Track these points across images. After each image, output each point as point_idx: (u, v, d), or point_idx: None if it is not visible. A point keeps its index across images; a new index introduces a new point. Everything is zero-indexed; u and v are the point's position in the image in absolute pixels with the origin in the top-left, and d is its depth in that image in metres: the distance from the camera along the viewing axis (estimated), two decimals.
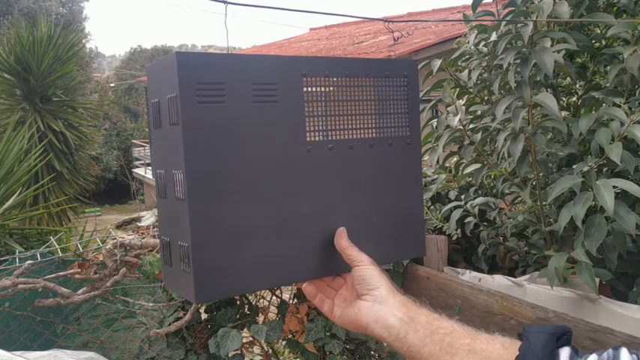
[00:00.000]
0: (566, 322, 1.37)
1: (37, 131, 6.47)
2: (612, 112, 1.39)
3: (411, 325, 0.68)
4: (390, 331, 0.69)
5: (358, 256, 0.76)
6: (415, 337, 0.67)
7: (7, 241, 3.10)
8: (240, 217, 0.72)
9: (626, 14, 1.67)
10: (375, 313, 0.71)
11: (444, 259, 1.85)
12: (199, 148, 0.69)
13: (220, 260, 0.71)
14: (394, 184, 0.86)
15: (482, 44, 1.80)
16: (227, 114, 0.71)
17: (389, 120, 0.85)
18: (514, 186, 1.76)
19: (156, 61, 0.75)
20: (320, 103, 0.79)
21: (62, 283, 1.69)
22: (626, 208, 1.30)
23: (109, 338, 1.87)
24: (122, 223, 11.35)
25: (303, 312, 1.84)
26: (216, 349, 1.67)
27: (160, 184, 0.76)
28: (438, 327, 0.66)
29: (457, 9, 9.62)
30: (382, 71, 0.84)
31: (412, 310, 0.70)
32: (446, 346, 0.64)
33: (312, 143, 0.78)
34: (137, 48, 29.61)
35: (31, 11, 15.09)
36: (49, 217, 5.79)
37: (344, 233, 0.78)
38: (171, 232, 0.75)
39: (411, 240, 0.89)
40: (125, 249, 1.80)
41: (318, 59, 0.79)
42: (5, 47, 6.83)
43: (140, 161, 15.12)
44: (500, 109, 1.53)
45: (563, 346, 0.57)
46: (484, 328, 0.66)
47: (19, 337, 1.71)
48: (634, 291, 1.50)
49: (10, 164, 3.68)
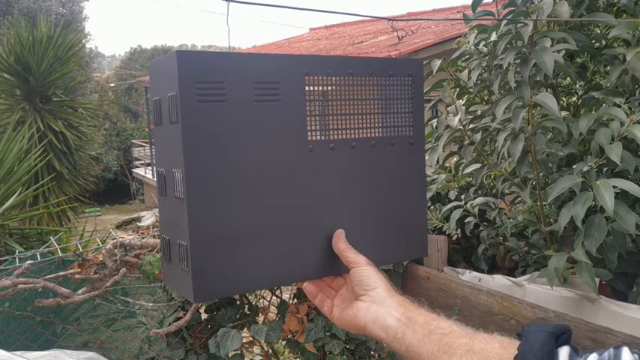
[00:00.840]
0: (566, 322, 1.37)
1: (37, 131, 6.46)
2: (612, 112, 1.39)
3: (408, 326, 0.68)
4: (388, 331, 0.69)
5: (355, 258, 0.76)
6: (413, 337, 0.66)
7: (7, 241, 3.10)
8: (239, 217, 0.72)
9: (626, 14, 1.67)
10: (373, 314, 0.71)
11: (444, 259, 1.85)
12: (199, 147, 0.68)
13: (219, 260, 0.70)
14: (396, 184, 0.85)
15: (483, 44, 1.80)
16: (227, 113, 0.70)
17: (392, 119, 0.84)
18: (514, 186, 1.76)
19: (157, 58, 0.74)
20: (322, 102, 0.78)
21: (62, 283, 1.69)
22: (626, 208, 1.30)
23: (109, 338, 1.87)
24: (122, 223, 11.34)
25: (303, 312, 1.84)
26: (216, 349, 1.66)
27: (161, 182, 0.75)
28: (436, 327, 0.66)
29: (457, 9, 9.61)
30: (386, 70, 0.83)
31: (410, 311, 0.69)
32: (444, 345, 0.64)
33: (314, 142, 0.77)
34: (137, 48, 29.60)
35: (31, 11, 15.07)
36: (49, 217, 5.78)
37: (342, 235, 0.78)
38: (171, 231, 0.74)
39: (413, 240, 0.89)
40: (125, 249, 1.80)
41: (320, 58, 0.78)
42: (5, 47, 6.81)
43: (140, 161, 15.10)
44: (500, 109, 1.53)
45: (562, 345, 0.56)
46: (484, 328, 0.65)
47: (19, 337, 1.71)
48: (634, 291, 1.50)
49: (10, 164, 3.67)
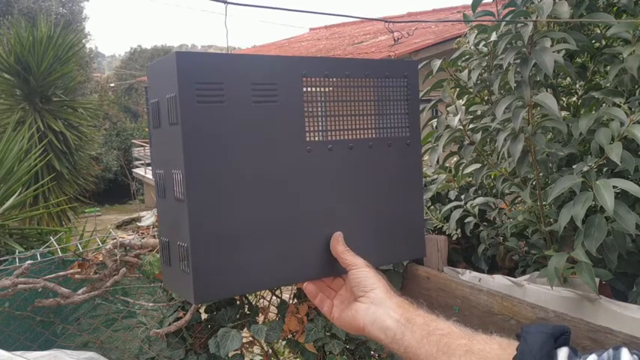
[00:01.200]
0: (566, 322, 1.37)
1: (36, 131, 6.46)
2: (612, 112, 1.38)
3: (407, 327, 0.68)
4: (387, 332, 0.69)
5: (353, 260, 0.76)
6: (412, 338, 0.67)
7: (7, 241, 3.10)
8: (239, 218, 0.72)
9: (626, 14, 1.67)
10: (372, 315, 0.71)
11: (443, 259, 1.85)
12: (198, 149, 0.68)
13: (219, 261, 0.71)
14: (394, 185, 0.86)
15: (482, 44, 1.80)
16: (226, 114, 0.70)
17: (389, 121, 0.85)
18: (514, 186, 1.76)
19: (156, 60, 0.74)
20: (319, 103, 0.79)
21: (62, 283, 1.69)
22: (626, 208, 1.30)
23: (109, 338, 1.87)
24: (122, 223, 11.35)
25: (303, 312, 1.84)
26: (216, 349, 1.66)
27: (160, 184, 0.75)
28: (434, 328, 0.66)
29: (457, 9, 9.61)
30: (382, 72, 0.84)
31: (409, 312, 0.70)
32: (443, 346, 0.64)
33: (312, 143, 0.78)
34: (137, 48, 29.61)
35: (31, 11, 15.07)
36: (49, 217, 5.78)
37: (340, 238, 0.79)
38: (170, 233, 0.74)
39: (411, 241, 0.89)
40: (125, 249, 1.80)
41: (318, 59, 0.78)
42: (5, 47, 6.82)
43: (140, 161, 15.11)
44: (500, 109, 1.53)
45: (561, 346, 0.56)
46: (484, 328, 0.65)
47: (19, 337, 1.71)
48: (634, 291, 1.50)
49: (10, 164, 3.67)
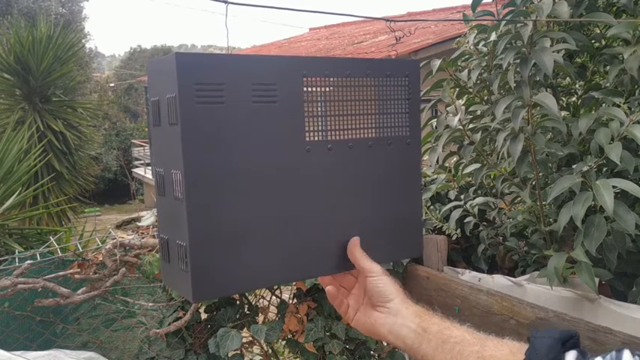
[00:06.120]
0: (565, 321, 1.37)
1: (36, 131, 6.46)
2: (612, 112, 1.39)
3: (424, 336, 0.72)
4: (405, 341, 0.73)
5: (371, 267, 0.79)
6: (428, 347, 0.71)
7: (6, 241, 3.10)
8: (238, 217, 0.72)
9: (626, 14, 1.67)
10: (390, 325, 0.75)
11: (443, 259, 1.85)
12: (198, 149, 0.69)
13: (218, 259, 0.71)
14: (393, 185, 0.86)
15: (482, 44, 1.80)
16: (226, 114, 0.71)
17: (389, 120, 0.85)
18: (514, 186, 1.76)
19: (156, 58, 0.74)
20: (319, 103, 0.79)
21: (62, 283, 1.69)
22: (626, 208, 1.30)
23: (109, 338, 1.87)
24: (122, 223, 11.34)
25: (302, 312, 1.84)
26: (215, 349, 1.66)
27: (159, 182, 0.76)
28: (448, 336, 0.70)
29: (457, 9, 9.61)
30: (383, 71, 0.84)
31: (425, 321, 0.73)
32: (456, 354, 0.67)
33: (312, 143, 0.78)
34: (137, 48, 29.58)
35: (31, 11, 15.06)
36: (48, 217, 5.78)
37: (357, 243, 0.80)
38: (169, 231, 0.75)
39: (408, 240, 0.89)
40: (125, 249, 1.80)
41: (318, 59, 0.78)
42: (5, 47, 6.82)
43: (140, 161, 15.11)
44: (500, 109, 1.53)
45: (570, 349, 0.58)
46: (484, 328, 0.67)
47: (18, 337, 1.71)
48: (634, 291, 1.50)
49: (10, 164, 3.68)
